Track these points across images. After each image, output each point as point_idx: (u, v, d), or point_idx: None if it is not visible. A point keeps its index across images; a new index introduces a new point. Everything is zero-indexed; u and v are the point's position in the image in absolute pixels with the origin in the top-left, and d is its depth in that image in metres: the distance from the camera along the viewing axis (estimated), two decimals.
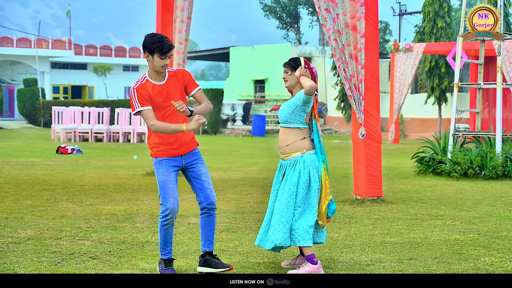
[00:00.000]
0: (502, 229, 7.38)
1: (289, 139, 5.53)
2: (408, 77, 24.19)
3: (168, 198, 5.19)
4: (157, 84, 5.22)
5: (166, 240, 5.28)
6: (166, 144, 5.25)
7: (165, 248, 5.30)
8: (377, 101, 9.37)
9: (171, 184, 5.22)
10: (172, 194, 5.20)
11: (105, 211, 8.43)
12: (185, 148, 5.30)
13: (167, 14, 12.54)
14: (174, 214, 5.21)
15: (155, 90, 5.20)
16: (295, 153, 5.50)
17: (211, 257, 5.39)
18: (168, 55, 5.15)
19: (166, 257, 5.31)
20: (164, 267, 5.30)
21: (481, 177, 12.30)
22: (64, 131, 24.43)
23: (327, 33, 9.03)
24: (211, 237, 5.40)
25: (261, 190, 10.61)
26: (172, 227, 5.27)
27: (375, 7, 9.29)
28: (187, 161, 5.32)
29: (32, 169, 13.60)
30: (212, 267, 5.34)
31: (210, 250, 5.40)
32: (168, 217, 5.20)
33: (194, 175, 5.34)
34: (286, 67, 5.64)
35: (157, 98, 5.19)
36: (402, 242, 6.64)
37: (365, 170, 9.34)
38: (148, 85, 5.21)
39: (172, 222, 5.24)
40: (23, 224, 7.40)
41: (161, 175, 5.24)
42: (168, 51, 5.13)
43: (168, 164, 5.25)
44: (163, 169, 5.25)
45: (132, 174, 12.96)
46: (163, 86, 5.23)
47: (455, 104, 13.67)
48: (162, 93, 5.20)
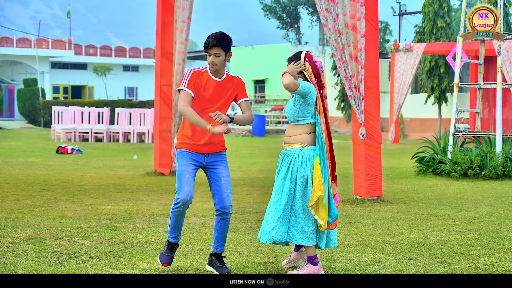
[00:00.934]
0: (502, 229, 7.38)
1: (295, 131, 5.47)
2: (408, 77, 24.19)
3: (183, 187, 5.20)
4: (213, 78, 5.26)
5: (175, 226, 5.33)
6: (193, 140, 5.27)
7: (174, 233, 5.37)
8: (377, 101, 9.37)
9: (187, 174, 5.23)
10: (187, 184, 5.21)
11: (105, 211, 8.43)
12: (211, 148, 5.31)
13: (167, 14, 12.53)
14: (186, 204, 5.22)
15: (210, 83, 5.24)
16: (295, 145, 5.43)
17: (216, 259, 5.40)
18: (211, 52, 5.17)
19: (173, 240, 5.37)
20: (165, 251, 5.37)
21: (481, 177, 12.30)
22: (64, 131, 24.43)
23: (327, 33, 9.03)
24: (221, 240, 5.40)
25: (261, 190, 10.61)
26: (183, 216, 5.30)
27: (375, 7, 9.29)
28: (210, 160, 5.33)
29: (32, 169, 13.60)
30: (215, 269, 5.37)
31: (218, 251, 5.42)
32: (179, 205, 5.21)
33: (213, 176, 5.34)
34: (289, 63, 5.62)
35: (206, 91, 5.23)
36: (402, 242, 6.64)
37: (365, 170, 9.34)
38: (205, 75, 5.26)
39: (183, 211, 5.26)
40: (23, 224, 7.40)
41: (180, 165, 5.26)
42: (207, 48, 5.17)
43: (190, 156, 5.28)
44: (183, 160, 5.27)
45: (132, 174, 12.96)
46: (218, 82, 5.27)
47: (455, 104, 13.67)
48: (215, 88, 5.24)
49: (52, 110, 26.44)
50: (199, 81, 5.24)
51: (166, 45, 12.53)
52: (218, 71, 5.28)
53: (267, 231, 5.34)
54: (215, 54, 5.19)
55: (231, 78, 5.34)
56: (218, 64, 5.21)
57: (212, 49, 5.17)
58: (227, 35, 5.22)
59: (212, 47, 5.17)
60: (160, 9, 12.60)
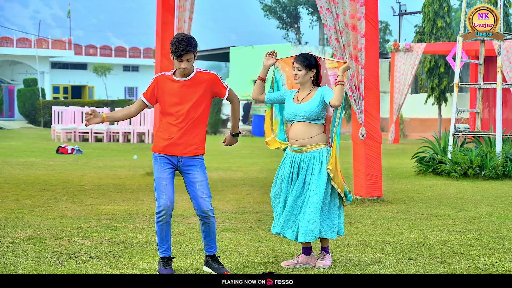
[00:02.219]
0: (502, 229, 7.38)
1: (313, 131, 5.51)
2: (408, 77, 24.18)
3: (161, 195, 5.18)
4: (177, 80, 5.23)
5: (162, 237, 5.26)
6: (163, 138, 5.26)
7: (162, 246, 5.28)
8: (377, 101, 9.37)
9: (164, 181, 5.20)
10: (165, 191, 5.18)
11: (105, 211, 8.43)
12: (184, 150, 5.25)
13: (167, 14, 12.53)
14: (168, 211, 5.18)
15: (174, 84, 5.22)
16: (320, 145, 5.52)
17: (212, 260, 5.41)
18: (184, 59, 5.11)
19: (163, 255, 5.29)
20: (162, 266, 5.30)
21: (481, 177, 12.30)
22: (64, 131, 24.44)
23: (328, 33, 9.03)
24: (210, 242, 5.39)
25: (261, 190, 10.61)
26: (168, 224, 5.23)
27: (375, 7, 9.29)
28: (184, 165, 5.27)
29: (32, 169, 13.60)
30: (212, 270, 5.38)
31: (209, 254, 5.42)
32: (161, 214, 5.18)
33: (188, 181, 5.29)
34: (299, 64, 5.56)
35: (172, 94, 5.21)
36: (402, 242, 6.64)
37: (365, 170, 9.34)
38: (169, 78, 5.26)
39: (167, 219, 5.20)
40: (23, 224, 7.40)
41: (156, 172, 5.26)
42: (181, 55, 5.09)
43: (163, 161, 5.25)
44: (157, 166, 5.26)
45: (132, 174, 12.96)
46: (183, 82, 5.23)
47: (455, 104, 13.67)
48: (180, 88, 5.21)
49: (52, 110, 26.45)
50: (161, 85, 5.24)
51: (166, 45, 12.52)
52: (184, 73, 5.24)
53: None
54: (188, 59, 5.14)
55: (201, 75, 5.25)
56: (189, 68, 5.17)
57: (186, 55, 5.11)
58: (192, 37, 5.19)
59: (186, 53, 5.11)
60: (160, 9, 12.59)
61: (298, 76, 5.56)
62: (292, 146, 5.60)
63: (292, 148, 5.59)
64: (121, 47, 53.82)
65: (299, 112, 5.52)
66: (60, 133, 24.37)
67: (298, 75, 5.55)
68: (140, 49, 52.66)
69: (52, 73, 48.61)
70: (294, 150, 5.57)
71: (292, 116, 5.56)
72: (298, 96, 5.62)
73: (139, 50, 52.54)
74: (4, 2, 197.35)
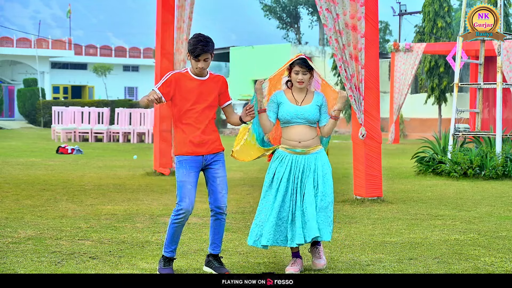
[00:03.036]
0: (502, 229, 7.38)
1: (312, 133, 5.52)
2: (408, 77, 24.19)
3: (184, 199, 5.19)
4: (196, 78, 5.25)
5: (173, 239, 5.28)
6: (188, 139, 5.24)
7: (170, 246, 5.29)
8: (377, 101, 9.37)
9: (189, 185, 5.21)
10: (189, 195, 5.20)
11: (105, 211, 8.43)
12: (208, 148, 5.28)
13: (167, 14, 12.53)
14: (187, 215, 5.22)
15: (192, 83, 5.23)
16: (319, 146, 5.57)
17: (214, 260, 5.41)
18: (201, 59, 5.14)
19: (169, 255, 5.30)
20: (163, 266, 5.30)
21: (481, 177, 12.30)
22: (64, 131, 24.43)
23: (328, 33, 9.03)
24: (217, 241, 5.40)
25: (261, 190, 10.60)
26: (182, 227, 5.27)
27: (375, 7, 9.29)
28: (208, 162, 5.32)
29: (32, 169, 13.60)
30: (213, 270, 5.37)
31: (214, 253, 5.42)
32: (181, 217, 5.20)
33: (209, 176, 5.33)
34: (304, 68, 5.45)
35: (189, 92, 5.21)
36: (402, 242, 6.64)
37: (365, 170, 9.34)
38: (186, 76, 5.25)
39: (183, 222, 5.24)
40: (23, 224, 7.40)
41: (181, 175, 5.24)
42: (198, 55, 5.12)
43: (189, 164, 5.24)
44: (183, 170, 5.24)
45: (132, 174, 12.96)
46: (201, 82, 5.25)
47: (455, 104, 13.67)
48: (198, 88, 5.22)
49: (52, 110, 26.45)
50: (179, 82, 5.22)
51: (166, 45, 12.53)
52: (201, 73, 5.26)
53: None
54: (205, 59, 5.17)
55: (214, 77, 5.33)
56: (205, 67, 5.21)
57: (203, 55, 5.14)
58: (210, 38, 5.22)
59: (203, 53, 5.14)
60: (160, 9, 12.60)
61: (303, 80, 5.44)
62: (293, 148, 5.50)
63: (294, 150, 5.49)
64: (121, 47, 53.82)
65: (303, 115, 5.45)
66: (60, 133, 24.37)
67: (303, 79, 5.44)
68: (140, 49, 52.67)
69: (52, 73, 48.60)
70: (297, 152, 5.49)
71: (294, 118, 5.46)
72: (295, 98, 5.52)
73: (139, 50, 52.54)
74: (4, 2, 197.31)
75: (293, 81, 5.49)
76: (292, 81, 5.51)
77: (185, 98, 5.22)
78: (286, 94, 5.55)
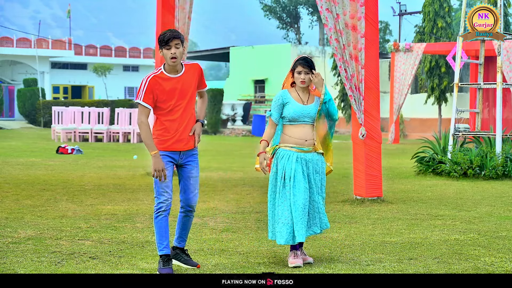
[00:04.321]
0: (502, 229, 7.38)
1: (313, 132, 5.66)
2: (408, 77, 24.18)
3: (162, 193, 5.29)
4: (171, 77, 5.29)
5: (161, 234, 5.32)
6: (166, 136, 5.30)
7: (162, 243, 5.33)
8: (377, 101, 9.37)
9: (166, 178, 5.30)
10: (166, 189, 5.30)
11: (105, 211, 8.43)
12: (186, 145, 5.35)
13: (167, 14, 12.53)
14: (168, 207, 5.31)
15: (170, 82, 5.27)
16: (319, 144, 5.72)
17: (181, 253, 5.52)
18: (172, 44, 5.21)
19: (163, 252, 5.33)
20: (162, 266, 5.32)
21: (481, 177, 12.30)
22: (64, 131, 24.44)
23: (328, 33, 9.03)
24: (184, 235, 5.55)
25: (261, 190, 10.61)
26: (166, 219, 5.33)
27: (375, 7, 9.29)
28: (184, 159, 5.40)
29: (32, 169, 13.60)
30: (182, 262, 5.48)
31: (180, 246, 5.54)
32: (162, 208, 5.29)
33: (185, 175, 5.43)
34: (306, 68, 5.57)
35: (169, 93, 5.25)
36: (402, 242, 6.64)
37: (365, 170, 9.34)
38: (162, 77, 5.29)
39: (166, 214, 5.31)
40: (23, 224, 7.40)
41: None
42: (169, 40, 5.22)
43: (166, 159, 5.33)
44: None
45: (132, 174, 12.96)
46: (177, 78, 5.30)
47: (455, 104, 13.67)
48: (175, 85, 5.27)
49: (52, 110, 26.45)
50: (157, 86, 5.25)
51: None
52: (176, 67, 5.29)
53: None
54: (176, 45, 5.24)
55: (189, 68, 5.38)
56: (179, 56, 5.24)
57: (173, 40, 5.23)
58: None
59: (173, 38, 5.23)
60: (160, 9, 12.59)
61: (305, 80, 5.58)
62: (299, 146, 5.63)
63: (301, 148, 5.63)
64: (121, 47, 53.80)
65: (309, 114, 5.61)
66: (60, 133, 24.37)
67: (305, 79, 5.58)
68: (140, 49, 52.66)
69: (52, 73, 48.58)
70: (303, 150, 5.63)
71: (301, 117, 5.59)
72: (301, 97, 5.64)
73: (139, 50, 52.53)
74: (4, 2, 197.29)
75: (296, 81, 5.63)
76: (295, 81, 5.64)
77: (166, 99, 5.27)
78: (291, 93, 5.68)
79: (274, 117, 5.64)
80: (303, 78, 5.55)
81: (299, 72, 5.56)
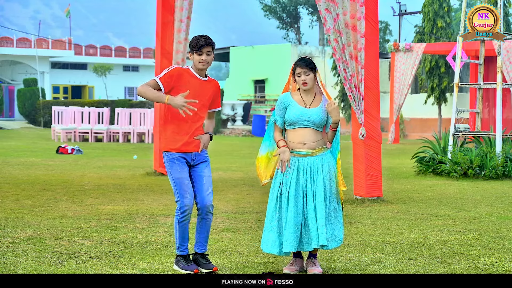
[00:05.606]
0: (502, 229, 7.39)
1: (317, 136, 5.45)
2: (408, 77, 24.18)
3: (185, 195, 5.27)
4: (197, 77, 5.34)
5: (183, 237, 5.35)
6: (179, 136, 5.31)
7: (183, 245, 5.36)
8: (377, 101, 9.37)
9: (186, 180, 5.30)
10: (188, 190, 5.29)
11: (105, 211, 8.43)
12: (194, 146, 5.36)
13: (167, 14, 12.52)
14: (191, 209, 5.30)
15: (193, 81, 5.31)
16: (325, 148, 5.48)
17: (201, 257, 5.46)
18: (204, 51, 5.26)
19: (184, 253, 5.37)
20: (185, 264, 5.35)
21: (481, 177, 12.30)
22: (64, 131, 24.43)
23: (327, 33, 9.03)
24: (203, 240, 5.44)
25: (261, 190, 10.61)
26: (188, 223, 5.34)
27: (375, 7, 9.29)
28: (196, 160, 5.40)
29: (32, 169, 13.60)
30: (201, 267, 5.42)
31: (200, 252, 5.46)
32: (186, 213, 5.28)
33: (197, 175, 5.40)
34: (305, 68, 5.37)
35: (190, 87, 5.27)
36: (402, 242, 6.64)
37: (365, 170, 9.34)
38: (188, 73, 5.34)
39: (189, 218, 5.32)
40: (23, 224, 7.40)
41: (176, 172, 5.29)
42: (202, 46, 5.25)
43: (181, 161, 5.33)
44: (176, 166, 5.31)
45: (132, 174, 12.96)
46: (201, 82, 5.36)
47: (455, 104, 13.67)
48: (198, 87, 5.31)
49: (52, 110, 26.43)
50: (181, 77, 5.29)
51: (166, 45, 12.53)
52: (203, 71, 5.36)
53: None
54: (208, 52, 5.29)
55: (211, 80, 5.46)
56: (209, 63, 5.31)
57: (206, 47, 5.28)
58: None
59: (206, 45, 5.27)
60: (160, 9, 12.59)
61: (306, 81, 5.36)
62: (298, 151, 5.42)
63: (299, 152, 5.41)
64: (121, 47, 53.79)
65: (310, 118, 5.37)
66: (60, 133, 24.36)
67: (306, 80, 5.36)
68: (140, 49, 52.65)
69: (52, 73, 48.58)
70: (302, 155, 5.41)
71: (300, 120, 5.38)
72: (303, 100, 5.44)
73: (139, 50, 52.53)
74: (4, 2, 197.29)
75: (298, 84, 5.43)
76: (298, 84, 5.45)
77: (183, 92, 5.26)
78: (294, 96, 5.49)
79: (278, 123, 5.50)
80: (304, 79, 5.35)
81: (299, 74, 5.37)
